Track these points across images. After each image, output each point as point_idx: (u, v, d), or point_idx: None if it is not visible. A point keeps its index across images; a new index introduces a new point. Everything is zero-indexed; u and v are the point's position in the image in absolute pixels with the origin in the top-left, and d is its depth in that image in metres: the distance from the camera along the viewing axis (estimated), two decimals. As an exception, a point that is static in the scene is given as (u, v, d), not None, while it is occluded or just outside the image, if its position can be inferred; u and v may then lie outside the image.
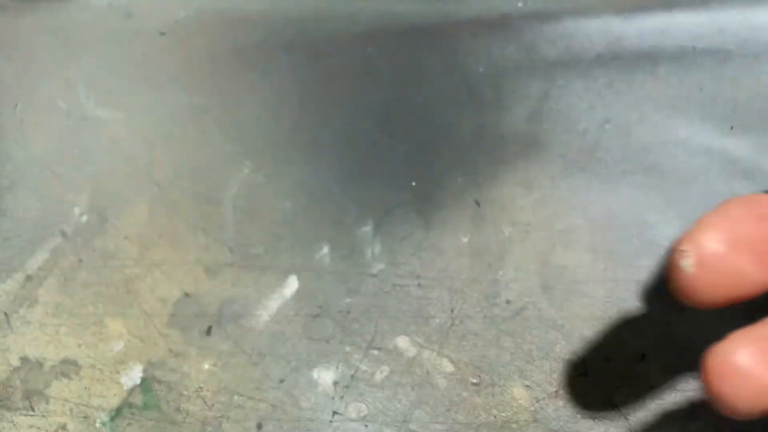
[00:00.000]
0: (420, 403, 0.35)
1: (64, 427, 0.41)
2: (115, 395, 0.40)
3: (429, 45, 0.51)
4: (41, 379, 0.42)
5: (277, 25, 0.51)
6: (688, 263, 0.22)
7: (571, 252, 0.42)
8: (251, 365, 0.40)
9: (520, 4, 0.52)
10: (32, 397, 0.41)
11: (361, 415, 0.35)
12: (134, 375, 0.37)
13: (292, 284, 0.41)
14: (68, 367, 0.42)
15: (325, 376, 0.37)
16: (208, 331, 0.41)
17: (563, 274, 0.41)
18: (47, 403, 0.41)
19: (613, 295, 0.40)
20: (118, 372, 0.40)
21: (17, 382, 0.42)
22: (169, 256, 0.43)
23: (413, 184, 0.45)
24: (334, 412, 0.35)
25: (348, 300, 0.40)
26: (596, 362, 0.37)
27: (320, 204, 0.44)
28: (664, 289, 0.40)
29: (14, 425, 0.41)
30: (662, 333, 0.38)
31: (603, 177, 0.45)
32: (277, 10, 0.52)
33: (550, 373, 0.36)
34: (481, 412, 0.35)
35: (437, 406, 0.35)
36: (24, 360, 0.42)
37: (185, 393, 0.38)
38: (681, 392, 0.36)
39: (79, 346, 0.42)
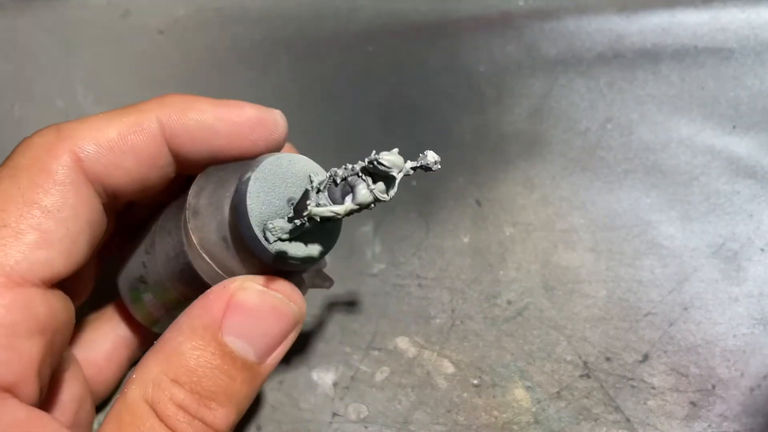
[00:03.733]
0: (420, 404, 0.35)
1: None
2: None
3: (429, 43, 0.51)
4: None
5: (277, 23, 0.51)
6: None
7: (573, 252, 0.41)
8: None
9: (521, 3, 0.52)
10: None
11: (361, 416, 0.35)
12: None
13: (292, 284, 0.41)
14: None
15: (325, 377, 0.37)
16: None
17: (564, 274, 0.40)
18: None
19: (615, 295, 0.40)
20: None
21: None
22: (167, 256, 0.43)
23: (413, 184, 0.44)
24: (334, 414, 0.35)
25: (348, 300, 0.39)
26: (597, 362, 0.37)
27: (320, 203, 0.43)
28: (665, 289, 0.40)
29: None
30: (663, 333, 0.38)
31: (604, 176, 0.45)
32: (276, 8, 0.51)
33: (552, 374, 0.36)
34: (482, 414, 0.35)
35: (438, 407, 0.35)
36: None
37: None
38: (682, 392, 0.35)
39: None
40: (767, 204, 0.43)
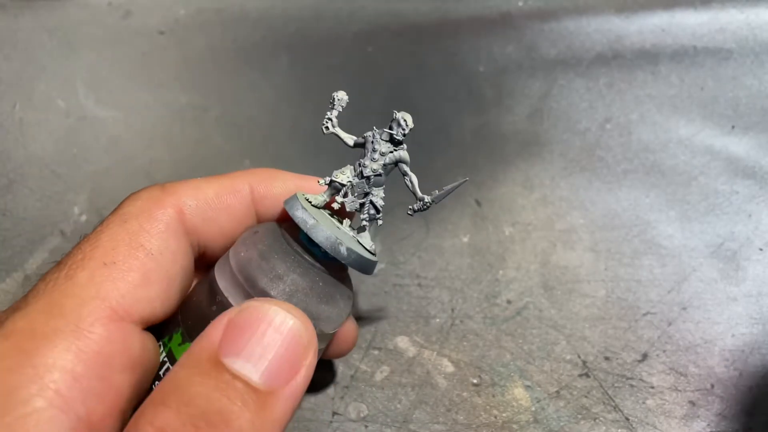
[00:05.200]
0: (420, 404, 0.35)
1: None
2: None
3: (429, 44, 0.51)
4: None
5: (277, 24, 0.51)
6: None
7: (572, 252, 0.42)
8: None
9: (520, 3, 0.52)
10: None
11: (361, 415, 0.35)
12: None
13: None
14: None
15: (325, 377, 0.37)
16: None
17: (564, 274, 0.40)
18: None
19: (614, 294, 0.40)
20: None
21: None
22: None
23: (413, 183, 0.44)
24: (334, 413, 0.35)
25: (348, 300, 0.40)
26: (596, 362, 0.37)
27: (320, 203, 0.43)
28: (664, 289, 0.40)
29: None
30: (662, 332, 0.38)
31: (604, 176, 0.45)
32: (277, 8, 0.51)
33: (551, 373, 0.36)
34: (482, 413, 0.35)
35: (437, 406, 0.35)
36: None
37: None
38: (681, 392, 0.35)
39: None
40: (766, 204, 0.43)
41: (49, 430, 0.18)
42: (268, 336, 0.21)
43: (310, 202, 0.25)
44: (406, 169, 0.27)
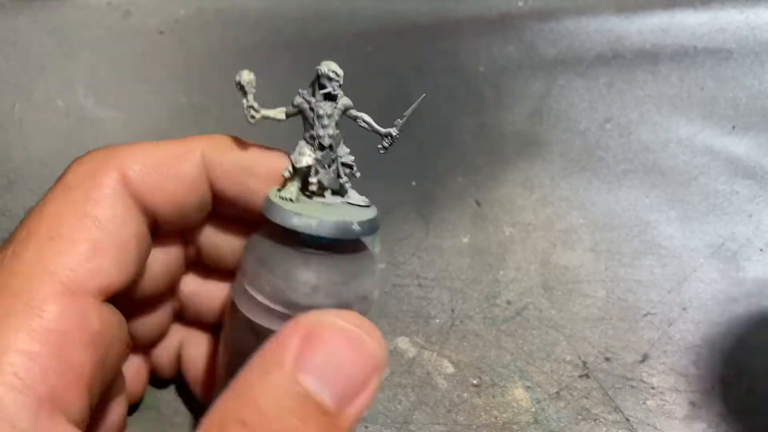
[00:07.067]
0: (420, 404, 0.35)
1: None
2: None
3: (429, 44, 0.51)
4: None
5: (277, 24, 0.51)
6: None
7: (572, 252, 0.41)
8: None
9: (520, 3, 0.52)
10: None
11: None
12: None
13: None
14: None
15: (325, 377, 0.37)
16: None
17: (564, 274, 0.40)
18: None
19: (614, 295, 0.40)
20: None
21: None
22: (168, 256, 0.43)
23: (413, 184, 0.44)
24: (334, 413, 0.35)
25: (348, 300, 0.40)
26: (597, 362, 0.37)
27: (320, 204, 0.43)
28: (664, 289, 0.40)
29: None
30: (663, 333, 0.38)
31: (604, 176, 0.45)
32: (277, 8, 0.51)
33: (551, 374, 0.36)
34: (482, 413, 0.35)
35: (437, 407, 0.35)
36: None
37: (184, 395, 0.38)
38: (682, 392, 0.35)
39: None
40: (766, 204, 0.43)
41: (12, 414, 0.18)
42: (348, 358, 0.20)
43: (290, 199, 0.24)
44: (355, 113, 0.26)
